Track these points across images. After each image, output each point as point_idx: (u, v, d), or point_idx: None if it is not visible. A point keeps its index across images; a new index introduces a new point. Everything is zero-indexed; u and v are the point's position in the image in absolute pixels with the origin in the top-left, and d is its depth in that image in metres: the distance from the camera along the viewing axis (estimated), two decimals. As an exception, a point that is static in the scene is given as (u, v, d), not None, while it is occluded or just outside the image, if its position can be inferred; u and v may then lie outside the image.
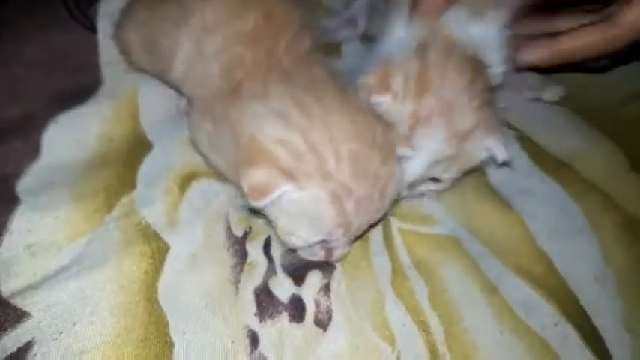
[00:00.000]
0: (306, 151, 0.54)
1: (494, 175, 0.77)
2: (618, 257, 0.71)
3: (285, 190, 0.53)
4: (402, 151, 0.60)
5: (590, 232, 0.73)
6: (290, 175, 0.53)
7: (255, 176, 0.53)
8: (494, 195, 0.75)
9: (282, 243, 0.62)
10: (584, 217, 0.74)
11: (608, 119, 0.86)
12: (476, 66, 0.66)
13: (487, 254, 0.69)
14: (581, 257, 0.71)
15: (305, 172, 0.53)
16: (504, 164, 0.69)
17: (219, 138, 0.62)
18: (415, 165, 0.64)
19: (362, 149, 0.55)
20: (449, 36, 0.66)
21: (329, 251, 0.62)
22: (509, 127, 0.82)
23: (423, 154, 0.63)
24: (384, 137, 0.58)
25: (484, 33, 0.69)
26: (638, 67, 0.94)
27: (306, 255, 0.63)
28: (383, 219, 0.63)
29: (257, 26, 0.63)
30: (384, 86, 0.63)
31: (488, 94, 0.66)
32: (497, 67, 0.70)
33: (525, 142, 0.82)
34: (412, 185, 0.68)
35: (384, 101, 0.63)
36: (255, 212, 0.62)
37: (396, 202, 0.64)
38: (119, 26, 0.74)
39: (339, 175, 0.54)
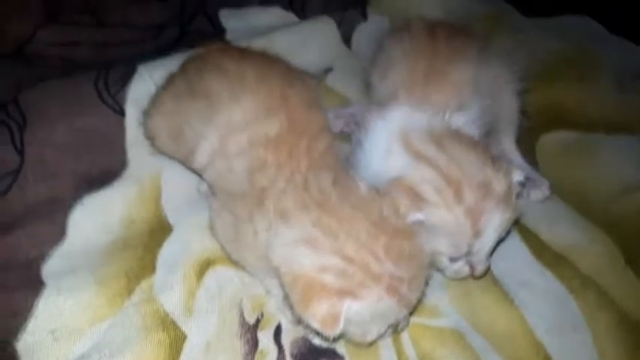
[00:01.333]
0: (348, 266, 0.57)
1: (497, 267, 0.80)
2: (612, 354, 0.74)
3: (348, 306, 0.56)
4: (414, 217, 0.64)
5: (585, 329, 0.75)
6: (346, 293, 0.57)
7: (318, 311, 0.56)
8: (497, 286, 0.78)
9: (321, 337, 0.66)
10: (580, 314, 0.76)
11: (603, 212, 0.89)
12: (466, 135, 0.70)
13: (488, 348, 0.72)
14: (576, 352, 0.73)
15: (357, 284, 0.57)
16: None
17: (240, 234, 0.66)
18: (486, 246, 0.69)
19: (389, 239, 0.59)
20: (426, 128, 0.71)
21: (394, 328, 0.66)
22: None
23: (491, 236, 0.68)
24: (395, 216, 0.62)
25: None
26: (630, 160, 0.98)
27: (376, 340, 0.66)
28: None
29: (281, 130, 0.67)
30: (418, 204, 0.65)
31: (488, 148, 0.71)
32: None
33: (526, 234, 0.85)
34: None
35: (423, 218, 0.65)
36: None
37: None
38: (147, 113, 0.77)
39: (386, 270, 0.58)
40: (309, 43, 1.04)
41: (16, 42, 0.89)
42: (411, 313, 0.66)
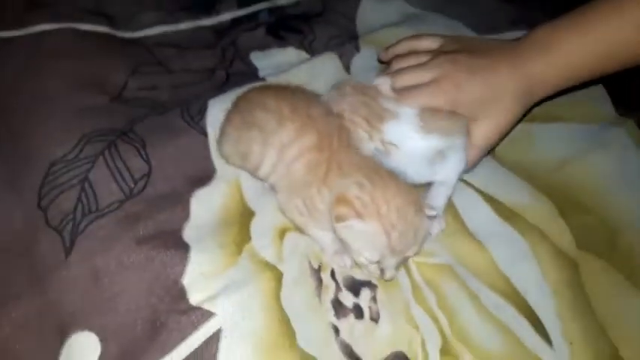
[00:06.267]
0: (370, 203, 0.83)
1: (470, 220, 1.09)
2: (552, 276, 0.99)
3: (355, 222, 0.82)
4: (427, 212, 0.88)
5: (532, 259, 1.01)
6: (359, 215, 0.82)
7: (339, 210, 0.82)
8: (471, 235, 1.02)
9: (350, 266, 0.98)
10: (529, 250, 1.02)
11: (542, 181, 1.15)
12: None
13: (470, 276, 0.96)
14: (529, 277, 0.98)
15: (367, 213, 0.82)
16: None
17: (313, 209, 0.91)
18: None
19: (403, 204, 0.84)
20: None
21: (382, 271, 0.89)
22: (478, 190, 1.10)
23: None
24: (417, 200, 0.87)
25: None
26: (562, 142, 1.24)
27: (367, 274, 0.98)
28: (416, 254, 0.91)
29: (316, 139, 0.93)
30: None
31: None
32: None
33: (488, 199, 1.11)
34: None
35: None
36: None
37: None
38: (219, 142, 1.04)
39: (388, 216, 0.83)
40: (320, 74, 1.25)
41: (116, 89, 1.20)
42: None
